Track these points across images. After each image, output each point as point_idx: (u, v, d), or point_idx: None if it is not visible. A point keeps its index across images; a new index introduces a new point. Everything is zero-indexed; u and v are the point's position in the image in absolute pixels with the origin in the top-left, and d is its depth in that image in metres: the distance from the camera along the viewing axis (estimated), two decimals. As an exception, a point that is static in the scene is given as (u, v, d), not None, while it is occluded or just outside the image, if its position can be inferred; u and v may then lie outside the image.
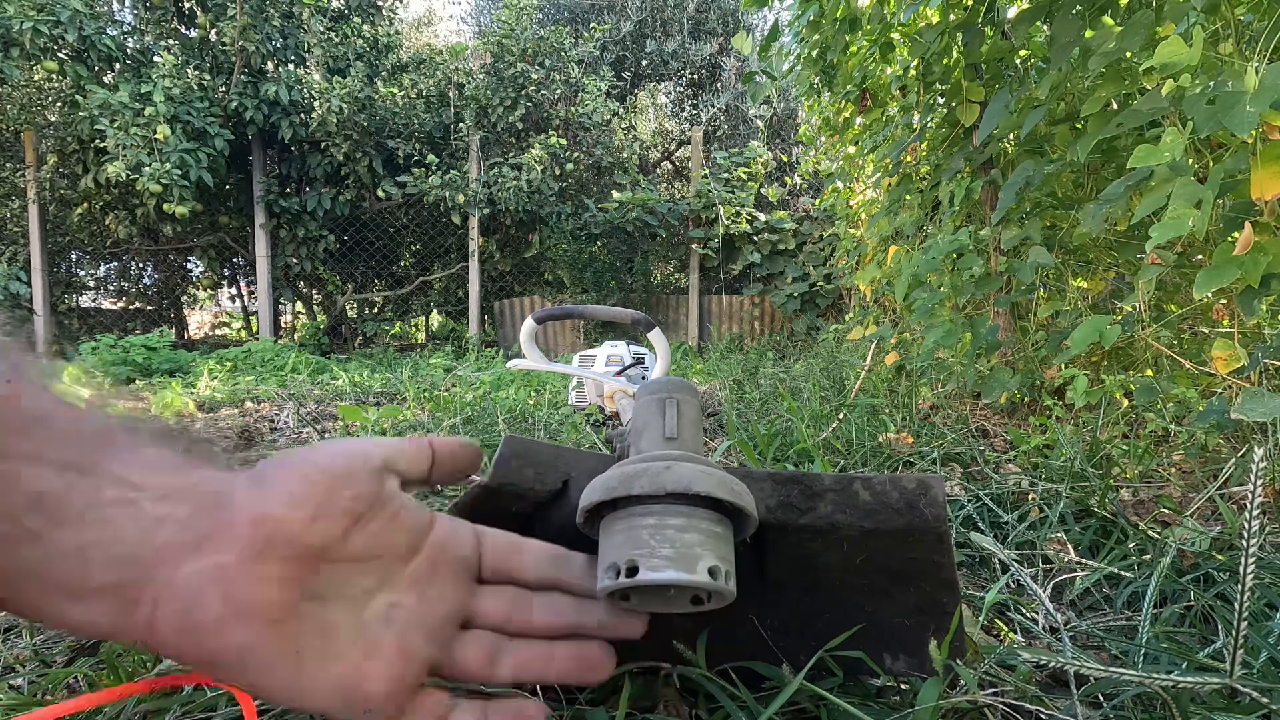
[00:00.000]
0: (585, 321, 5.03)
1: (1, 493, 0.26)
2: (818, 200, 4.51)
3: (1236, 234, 0.91)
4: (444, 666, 0.35)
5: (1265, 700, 0.44)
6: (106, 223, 5.31)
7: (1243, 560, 0.44)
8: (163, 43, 4.86)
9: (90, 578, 0.27)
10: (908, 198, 2.05)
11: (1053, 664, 0.46)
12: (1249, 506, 0.45)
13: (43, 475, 0.26)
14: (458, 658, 0.36)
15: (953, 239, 1.60)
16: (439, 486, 0.40)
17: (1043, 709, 0.46)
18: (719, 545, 0.37)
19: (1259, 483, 0.45)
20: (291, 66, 5.00)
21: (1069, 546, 0.82)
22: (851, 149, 2.66)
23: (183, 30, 4.98)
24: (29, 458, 0.26)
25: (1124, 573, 0.74)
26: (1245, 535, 0.44)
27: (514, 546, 0.39)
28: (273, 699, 0.31)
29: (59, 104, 4.99)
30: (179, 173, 4.35)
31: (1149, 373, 1.39)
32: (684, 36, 7.41)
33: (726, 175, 5.32)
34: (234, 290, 6.75)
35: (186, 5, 4.89)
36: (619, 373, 1.48)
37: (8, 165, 5.29)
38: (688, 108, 7.85)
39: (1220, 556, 0.76)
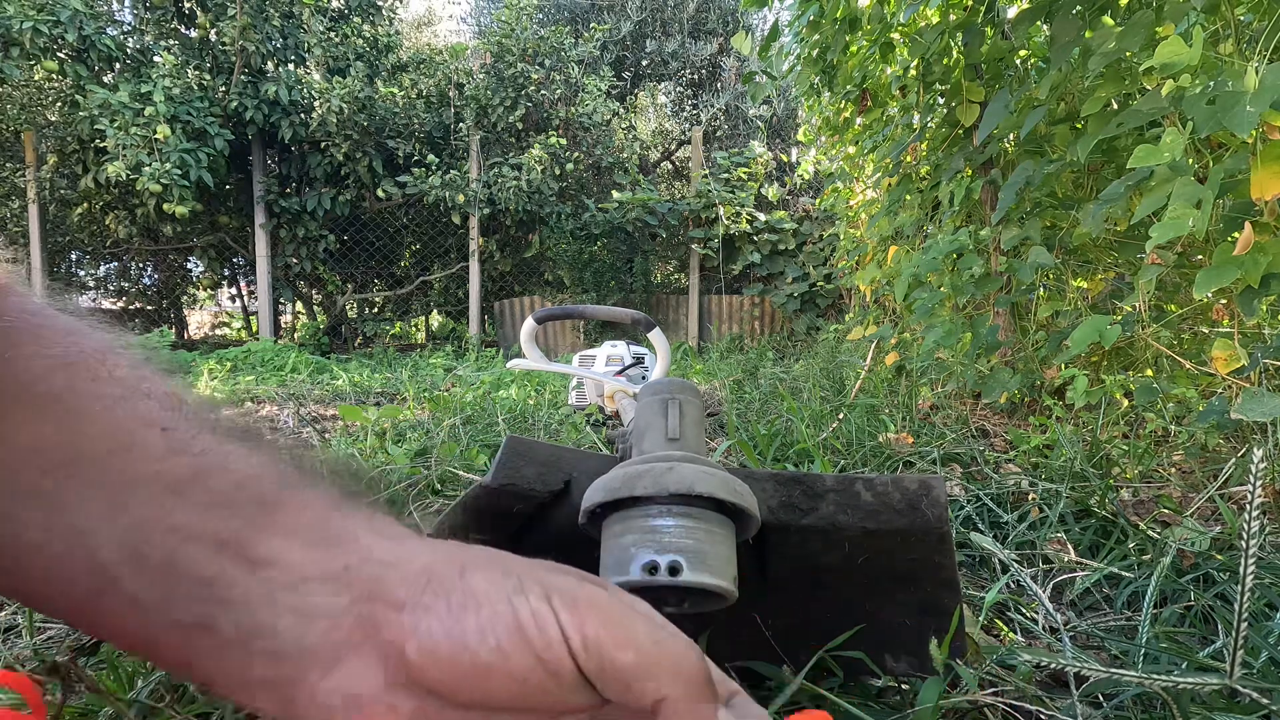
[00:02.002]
0: (585, 321, 5.02)
1: (169, 580, 0.25)
2: (818, 200, 4.50)
3: (1236, 234, 0.91)
4: None
5: (1265, 700, 0.44)
6: (106, 223, 5.31)
7: (1243, 560, 0.44)
8: (163, 43, 4.86)
9: (253, 670, 0.26)
10: (908, 198, 2.05)
11: (1053, 664, 0.46)
12: (1249, 506, 0.45)
13: (202, 557, 0.25)
14: None
15: (953, 239, 1.60)
16: None
17: (1043, 709, 0.46)
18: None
19: (1259, 483, 0.45)
20: (291, 66, 5.00)
21: (1069, 546, 0.82)
22: (851, 149, 2.66)
23: (183, 30, 4.98)
24: (187, 535, 0.25)
25: (1124, 573, 0.74)
26: (1245, 535, 0.45)
27: None
28: None
29: (59, 104, 4.99)
30: (179, 173, 4.35)
31: (1149, 373, 1.39)
32: (684, 36, 7.41)
33: (726, 175, 5.32)
34: (234, 290, 6.75)
35: (186, 5, 4.89)
36: (619, 373, 1.48)
37: (8, 165, 5.29)
38: (688, 108, 7.85)
39: (1220, 556, 0.76)
